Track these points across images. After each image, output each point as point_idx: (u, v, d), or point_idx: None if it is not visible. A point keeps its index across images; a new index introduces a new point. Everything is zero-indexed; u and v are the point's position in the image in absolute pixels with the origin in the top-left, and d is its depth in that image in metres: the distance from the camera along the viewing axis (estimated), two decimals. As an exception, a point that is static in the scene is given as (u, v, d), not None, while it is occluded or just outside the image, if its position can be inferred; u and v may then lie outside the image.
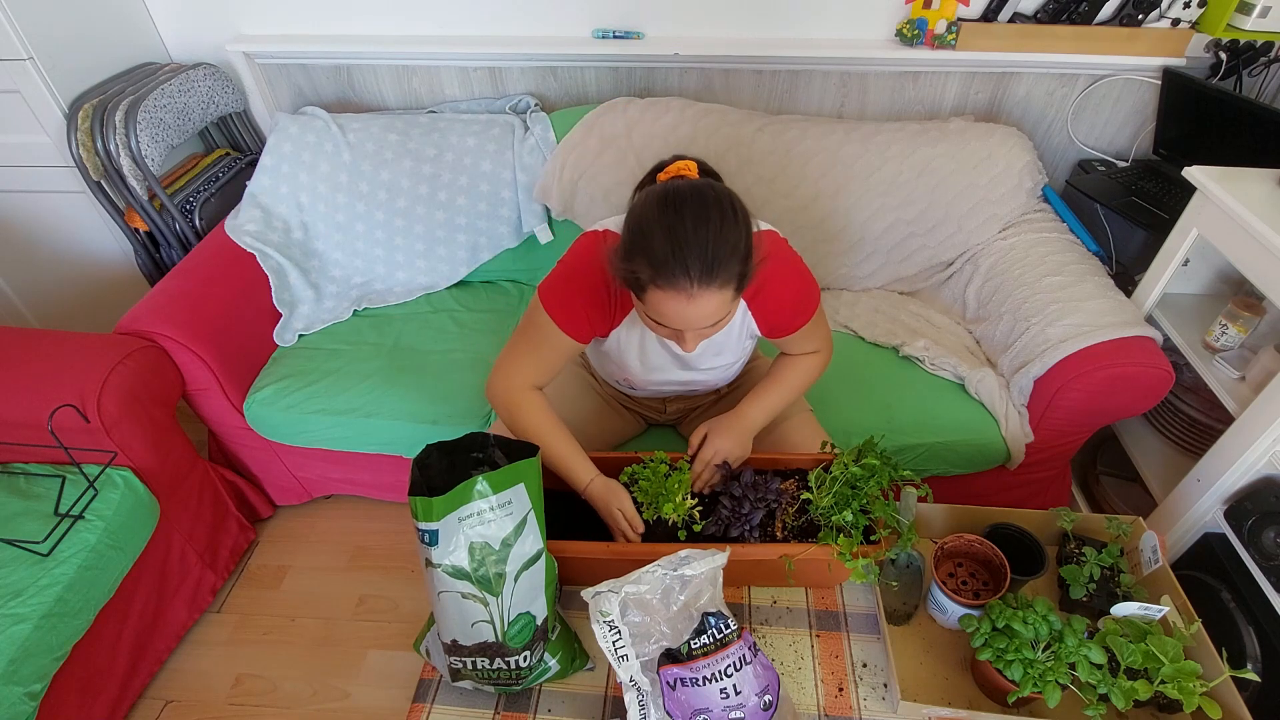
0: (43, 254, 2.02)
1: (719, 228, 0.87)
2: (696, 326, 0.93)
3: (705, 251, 0.86)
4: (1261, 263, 1.19)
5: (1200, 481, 1.31)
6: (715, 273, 0.87)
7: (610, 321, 1.11)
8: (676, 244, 0.86)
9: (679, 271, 0.86)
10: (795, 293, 1.11)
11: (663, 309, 0.91)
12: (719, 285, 0.88)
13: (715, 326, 0.96)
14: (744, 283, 0.92)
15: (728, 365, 1.23)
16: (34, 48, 1.64)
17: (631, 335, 1.15)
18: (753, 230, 0.93)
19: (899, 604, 1.06)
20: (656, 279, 0.88)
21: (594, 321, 1.10)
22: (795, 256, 1.12)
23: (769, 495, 1.08)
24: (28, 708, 1.18)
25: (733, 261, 0.88)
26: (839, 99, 1.88)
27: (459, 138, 1.83)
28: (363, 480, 1.82)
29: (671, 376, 1.23)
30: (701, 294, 0.88)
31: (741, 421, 1.15)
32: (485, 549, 0.89)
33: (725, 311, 0.93)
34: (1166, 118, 1.74)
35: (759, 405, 1.17)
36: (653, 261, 0.88)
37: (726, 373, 1.26)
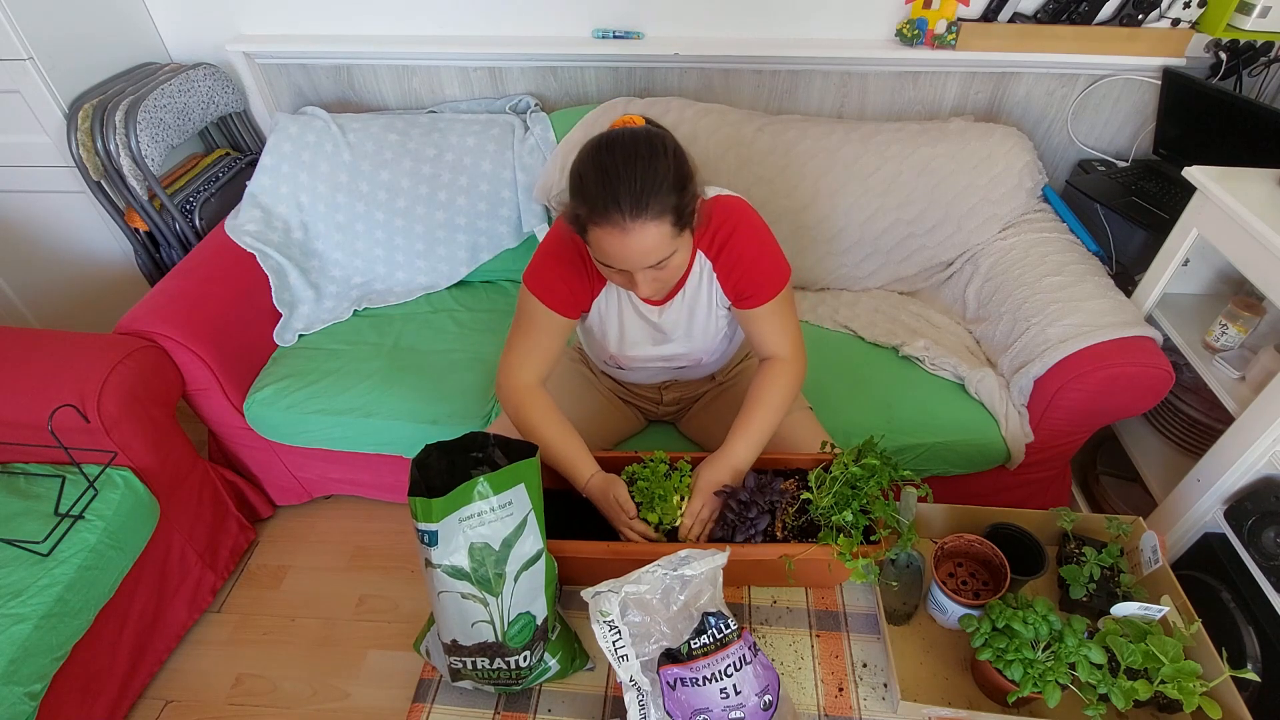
0: (43, 254, 2.02)
1: (648, 162, 0.91)
2: (638, 263, 0.95)
3: (634, 184, 0.89)
4: (1261, 263, 1.19)
5: (1200, 481, 1.31)
6: (646, 204, 0.90)
7: (590, 290, 1.15)
8: (606, 179, 0.90)
9: (610, 206, 0.90)
10: (759, 254, 1.11)
11: (604, 247, 0.94)
12: (652, 217, 0.91)
13: (663, 268, 0.97)
14: (682, 216, 0.94)
15: (706, 337, 1.23)
16: (34, 48, 1.64)
17: (610, 306, 1.17)
18: (690, 168, 0.96)
19: (899, 604, 1.06)
20: (593, 216, 0.92)
21: (575, 292, 1.13)
22: (761, 224, 1.13)
23: (773, 498, 1.08)
24: (28, 708, 1.18)
25: (664, 193, 0.91)
26: (839, 99, 1.88)
27: (459, 138, 1.83)
28: (363, 480, 1.82)
29: (651, 351, 1.24)
30: (635, 226, 0.91)
31: (727, 463, 1.11)
32: (485, 549, 0.89)
33: (667, 249, 0.95)
34: (1166, 118, 1.74)
35: (745, 441, 1.13)
36: (587, 199, 0.92)
37: (708, 345, 1.25)
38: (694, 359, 1.28)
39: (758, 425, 1.13)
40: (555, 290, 1.12)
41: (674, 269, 1.00)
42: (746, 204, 1.14)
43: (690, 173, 0.97)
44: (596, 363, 1.41)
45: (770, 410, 1.14)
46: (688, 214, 0.96)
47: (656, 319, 1.18)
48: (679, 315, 1.18)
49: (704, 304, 1.17)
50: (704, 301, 1.17)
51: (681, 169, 0.95)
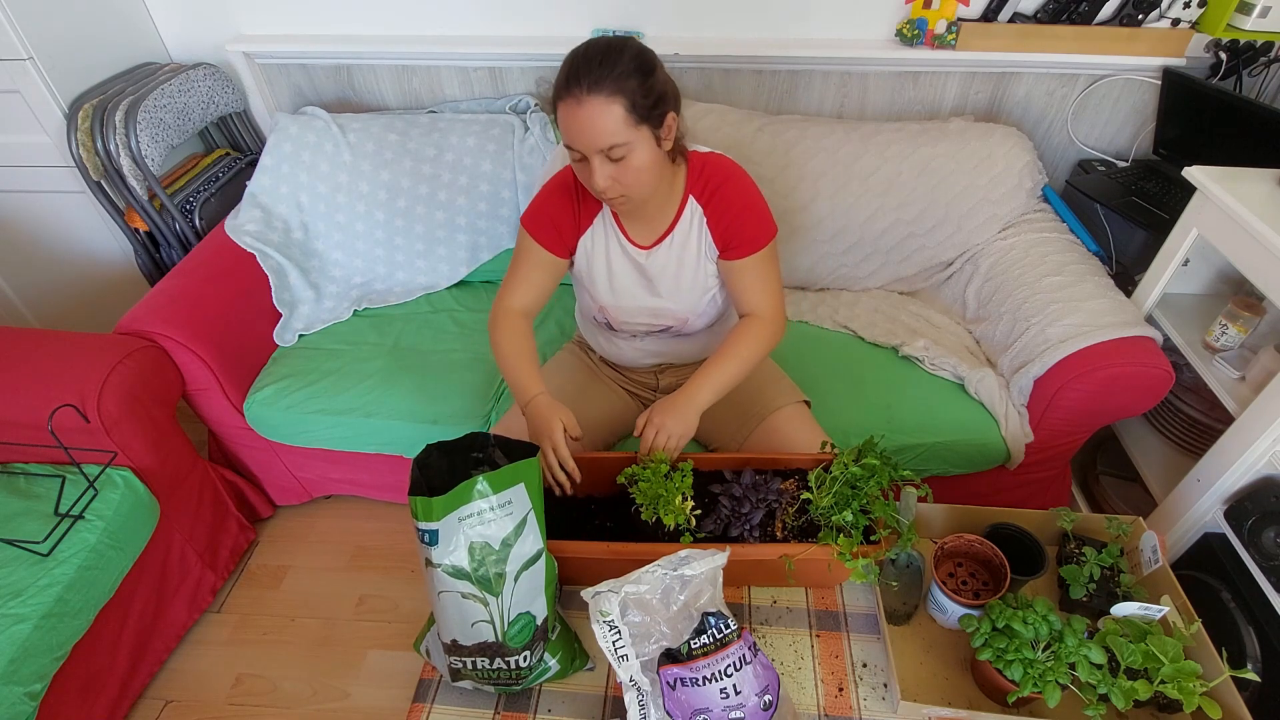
0: (43, 254, 2.02)
1: (612, 50, 0.99)
2: (590, 140, 0.99)
3: (594, 63, 0.97)
4: (1261, 263, 1.19)
5: (1200, 481, 1.31)
6: (601, 82, 0.96)
7: (575, 227, 1.22)
8: (573, 59, 1.00)
9: (571, 81, 0.98)
10: (748, 205, 1.17)
11: (564, 123, 1.00)
12: (606, 94, 0.97)
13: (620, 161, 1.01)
14: (638, 105, 0.99)
15: (694, 293, 1.24)
16: (34, 48, 1.64)
17: (597, 246, 1.23)
18: (654, 63, 1.03)
19: (899, 604, 1.06)
20: (558, 94, 1.00)
21: (562, 231, 1.21)
22: (751, 182, 1.19)
23: (769, 495, 1.08)
24: (28, 708, 1.18)
25: (622, 76, 0.97)
26: (839, 99, 1.88)
27: (459, 138, 1.83)
28: (363, 480, 1.82)
29: (640, 302, 1.26)
30: (589, 100, 0.97)
31: (686, 399, 1.14)
32: (485, 549, 0.89)
33: (622, 135, 0.99)
34: (1166, 118, 1.74)
35: (707, 381, 1.16)
36: (556, 82, 1.01)
37: (695, 302, 1.26)
38: (680, 317, 1.28)
39: (722, 372, 1.16)
40: (545, 228, 1.20)
41: (633, 171, 1.03)
42: (738, 164, 1.20)
43: (654, 67, 1.02)
44: (589, 324, 1.42)
45: (739, 362, 1.17)
46: (645, 106, 1.00)
47: (644, 262, 1.21)
48: (667, 261, 1.21)
49: (693, 252, 1.20)
50: (693, 249, 1.20)
51: (644, 61, 1.01)
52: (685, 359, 1.41)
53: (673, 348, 1.38)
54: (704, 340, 1.37)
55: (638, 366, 1.43)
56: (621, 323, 1.31)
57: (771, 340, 1.21)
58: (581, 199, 1.20)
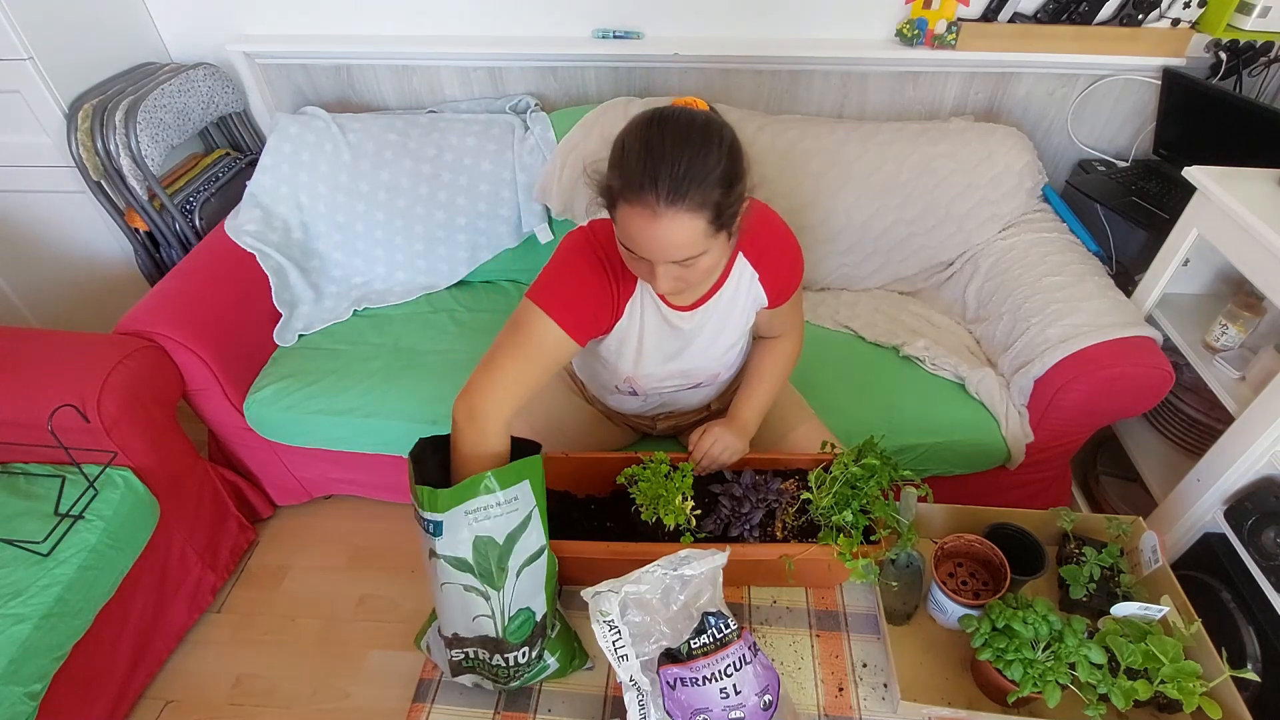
0: (43, 254, 2.02)
1: (699, 148, 0.83)
2: (663, 254, 0.87)
3: (677, 169, 0.82)
4: (1261, 263, 1.19)
5: (1200, 481, 1.31)
6: (685, 192, 0.82)
7: (614, 309, 1.05)
8: (650, 157, 0.83)
9: (647, 184, 0.82)
10: (794, 256, 1.14)
11: (630, 227, 0.86)
12: (689, 208, 0.83)
13: (689, 267, 0.89)
14: (722, 216, 0.87)
15: (729, 348, 1.17)
16: (34, 48, 1.64)
17: (634, 321, 1.08)
18: (743, 167, 0.89)
19: (899, 604, 1.06)
20: (625, 191, 0.85)
21: (598, 312, 1.03)
22: (785, 225, 1.15)
23: (769, 495, 1.08)
24: (28, 708, 1.18)
25: (707, 186, 0.83)
26: (839, 99, 1.88)
27: (459, 138, 1.83)
28: (363, 480, 1.82)
29: (672, 365, 1.15)
30: (668, 214, 0.83)
31: (742, 425, 1.18)
32: (489, 543, 0.89)
33: (698, 247, 0.87)
34: (1166, 118, 1.74)
35: (750, 407, 1.20)
36: (624, 172, 0.85)
37: (727, 357, 1.19)
38: (713, 373, 1.20)
39: (767, 398, 1.21)
40: (572, 308, 0.99)
41: (700, 271, 0.91)
42: (769, 206, 1.14)
43: (742, 173, 0.88)
44: (597, 390, 1.33)
45: (774, 383, 1.22)
46: (728, 215, 0.88)
47: (684, 325, 1.09)
48: (706, 320, 1.10)
49: (739, 308, 1.11)
50: (740, 306, 1.11)
51: (734, 166, 0.87)
52: (688, 407, 1.35)
53: (682, 397, 1.29)
54: (707, 393, 1.30)
55: (638, 414, 1.39)
56: (649, 390, 1.20)
57: (797, 357, 1.25)
58: (618, 278, 1.03)
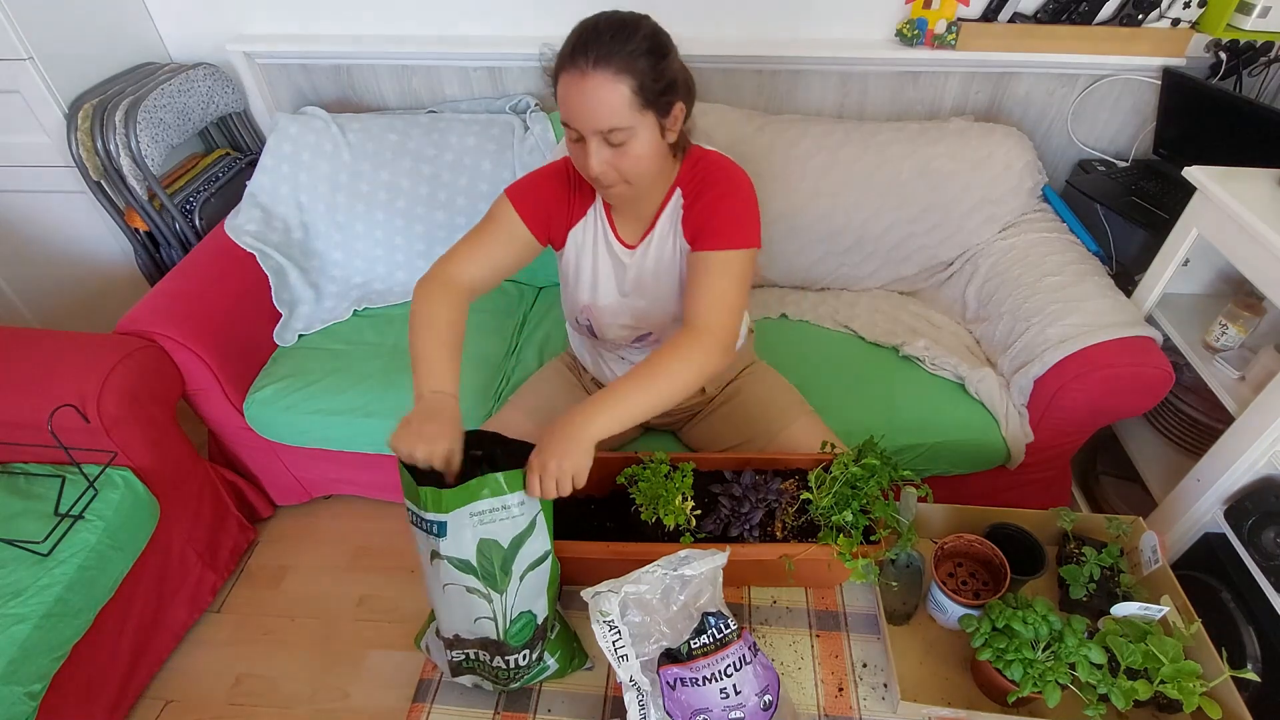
0: (43, 254, 2.02)
1: (625, 25, 0.94)
2: (591, 119, 0.94)
3: (604, 37, 0.92)
4: (1261, 263, 1.19)
5: (1200, 481, 1.31)
6: (610, 57, 0.91)
7: (568, 217, 1.16)
8: (582, 30, 0.95)
9: (577, 50, 0.93)
10: (731, 203, 1.08)
11: (564, 96, 0.95)
12: (613, 72, 0.92)
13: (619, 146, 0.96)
14: (647, 88, 0.94)
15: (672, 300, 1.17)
16: (34, 48, 1.64)
17: (586, 240, 1.17)
18: (669, 47, 0.99)
19: (899, 604, 1.06)
20: (561, 63, 0.95)
21: (552, 214, 1.14)
22: (750, 188, 1.12)
23: (769, 495, 1.08)
24: (28, 708, 1.18)
25: (632, 55, 0.92)
26: (839, 99, 1.88)
27: (459, 138, 1.83)
28: (363, 480, 1.82)
29: (624, 302, 1.20)
30: (594, 75, 0.91)
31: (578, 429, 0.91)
32: (494, 546, 0.89)
33: (624, 118, 0.94)
34: (1166, 118, 1.74)
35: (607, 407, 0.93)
36: (563, 49, 0.96)
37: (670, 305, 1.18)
38: (658, 323, 1.21)
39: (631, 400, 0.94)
40: (531, 201, 1.12)
41: (632, 159, 0.98)
42: (743, 170, 1.13)
43: (668, 50, 0.98)
44: (577, 337, 1.38)
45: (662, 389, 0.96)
46: (654, 92, 0.96)
47: (628, 262, 1.16)
48: (645, 262, 1.15)
49: (669, 249, 1.14)
50: (669, 247, 1.14)
51: (660, 41, 0.97)
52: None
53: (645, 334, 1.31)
54: None
55: None
56: (604, 326, 1.24)
57: (707, 364, 0.99)
58: (577, 189, 1.15)
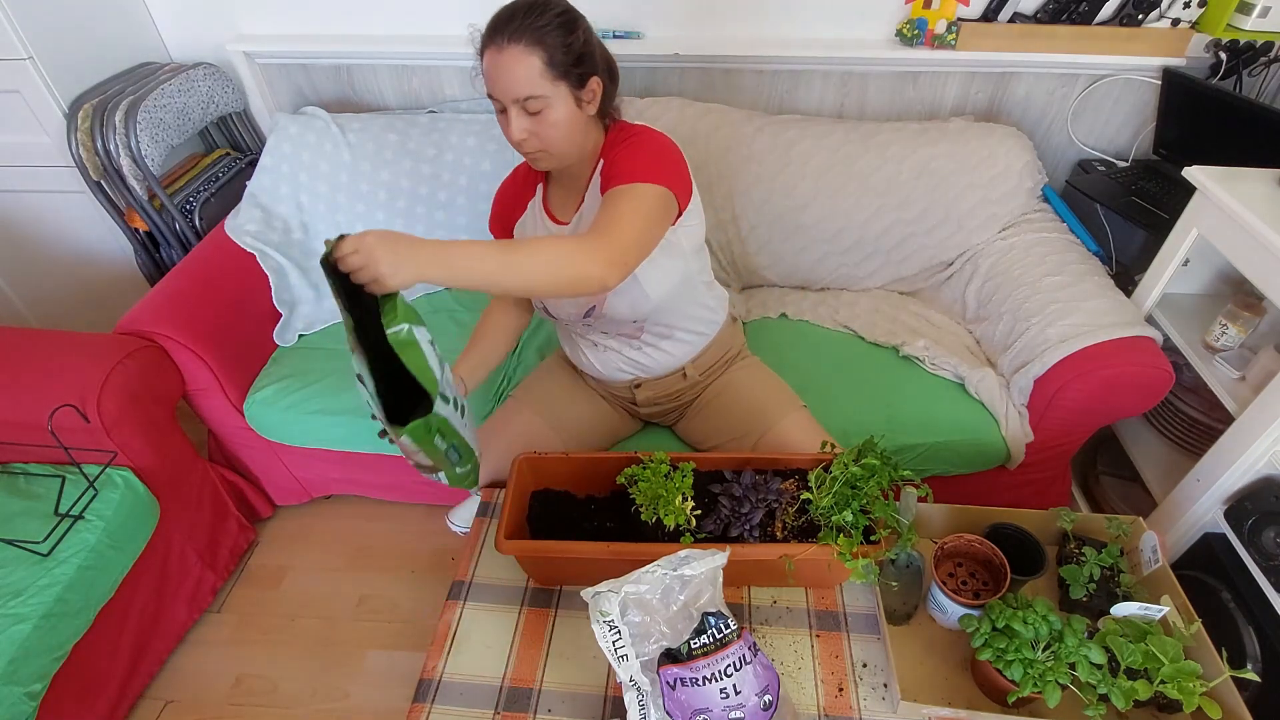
0: (43, 254, 2.02)
1: (542, 6, 1.01)
2: (507, 88, 1.01)
3: (519, 15, 1.00)
4: (1261, 263, 1.20)
5: (1200, 481, 1.31)
6: (522, 33, 0.99)
7: (516, 207, 1.27)
8: (500, 12, 1.02)
9: (496, 30, 1.01)
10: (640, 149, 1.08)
11: (487, 70, 1.03)
12: (526, 44, 0.99)
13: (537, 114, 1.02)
14: (558, 59, 1.01)
15: None
16: (34, 48, 1.64)
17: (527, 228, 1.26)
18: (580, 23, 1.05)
19: (899, 604, 1.06)
20: (485, 42, 1.02)
21: (503, 214, 1.29)
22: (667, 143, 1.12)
23: (769, 495, 1.08)
24: (28, 708, 1.18)
25: (544, 30, 1.00)
26: (839, 99, 1.88)
27: (459, 138, 1.83)
28: (363, 480, 1.82)
29: None
30: (509, 49, 0.99)
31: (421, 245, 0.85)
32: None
33: (539, 86, 1.00)
34: (1166, 118, 1.74)
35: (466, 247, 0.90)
36: (485, 31, 1.03)
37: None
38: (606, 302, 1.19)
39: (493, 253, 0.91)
40: (496, 211, 1.30)
41: (549, 125, 1.04)
42: (666, 136, 1.14)
43: (577, 27, 1.04)
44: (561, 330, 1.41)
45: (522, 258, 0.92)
46: (567, 63, 1.02)
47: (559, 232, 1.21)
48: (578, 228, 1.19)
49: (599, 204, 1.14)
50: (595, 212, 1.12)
51: (568, 19, 1.03)
52: (657, 372, 1.35)
53: (637, 361, 1.31)
54: (672, 350, 1.31)
55: (613, 381, 1.38)
56: (550, 302, 1.26)
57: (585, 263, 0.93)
58: (520, 186, 1.26)
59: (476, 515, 1.27)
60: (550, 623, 1.09)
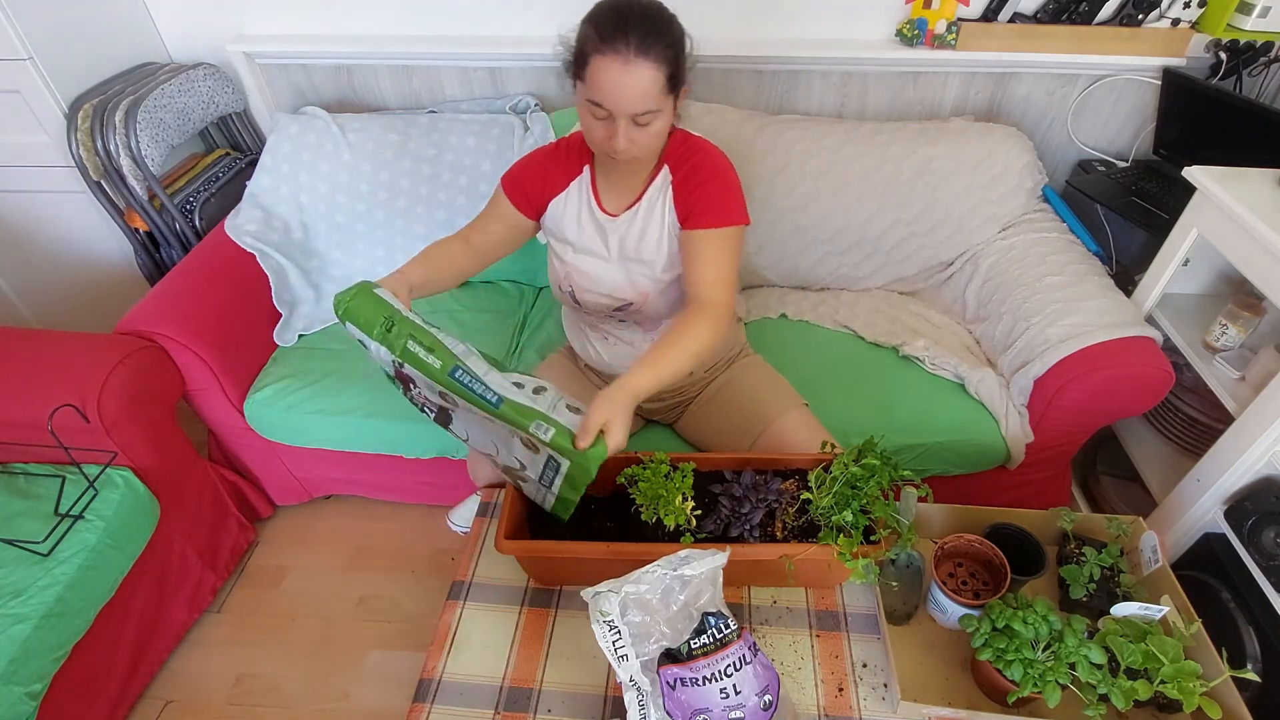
0: (43, 254, 2.02)
1: (666, 18, 1.00)
2: (628, 104, 0.98)
3: (646, 25, 0.96)
4: (1261, 263, 1.20)
5: (1200, 481, 1.31)
6: (651, 46, 0.96)
7: (549, 188, 1.22)
8: (621, 14, 0.97)
9: (618, 34, 0.95)
10: (720, 182, 1.14)
11: (601, 78, 0.97)
12: (653, 61, 0.96)
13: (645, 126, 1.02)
14: (674, 78, 1.01)
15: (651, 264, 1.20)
16: (34, 48, 1.64)
17: (570, 205, 1.22)
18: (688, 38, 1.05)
19: (899, 604, 1.06)
20: (600, 45, 0.96)
21: (531, 193, 1.22)
22: (733, 169, 1.17)
23: (769, 495, 1.08)
24: (28, 708, 1.18)
25: (669, 45, 0.98)
26: (839, 99, 1.88)
27: (459, 138, 1.83)
28: (363, 480, 1.82)
29: (602, 269, 1.23)
30: (637, 62, 0.95)
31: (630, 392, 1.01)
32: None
33: (655, 102, 1.00)
34: (1166, 118, 1.74)
35: (650, 370, 1.04)
36: (598, 28, 0.97)
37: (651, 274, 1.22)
38: (641, 292, 1.23)
39: (667, 364, 1.05)
40: (513, 183, 1.22)
41: (651, 135, 1.04)
42: (723, 154, 1.18)
43: (688, 37, 1.05)
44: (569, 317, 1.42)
45: (684, 355, 1.06)
46: (678, 81, 1.02)
47: (609, 228, 1.20)
48: (630, 231, 1.19)
49: (656, 222, 1.18)
50: (657, 219, 1.18)
51: (681, 29, 1.03)
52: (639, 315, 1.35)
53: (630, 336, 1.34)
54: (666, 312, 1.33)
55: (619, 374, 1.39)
56: (585, 291, 1.26)
57: (717, 334, 1.11)
58: (562, 163, 1.21)
59: (476, 515, 1.28)
60: (550, 623, 1.09)
